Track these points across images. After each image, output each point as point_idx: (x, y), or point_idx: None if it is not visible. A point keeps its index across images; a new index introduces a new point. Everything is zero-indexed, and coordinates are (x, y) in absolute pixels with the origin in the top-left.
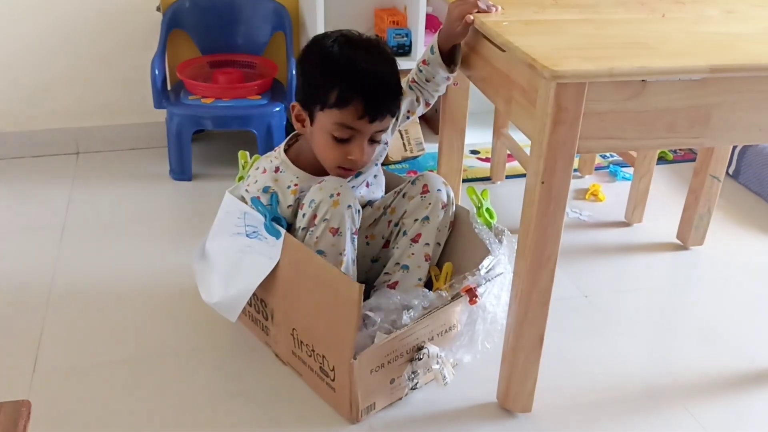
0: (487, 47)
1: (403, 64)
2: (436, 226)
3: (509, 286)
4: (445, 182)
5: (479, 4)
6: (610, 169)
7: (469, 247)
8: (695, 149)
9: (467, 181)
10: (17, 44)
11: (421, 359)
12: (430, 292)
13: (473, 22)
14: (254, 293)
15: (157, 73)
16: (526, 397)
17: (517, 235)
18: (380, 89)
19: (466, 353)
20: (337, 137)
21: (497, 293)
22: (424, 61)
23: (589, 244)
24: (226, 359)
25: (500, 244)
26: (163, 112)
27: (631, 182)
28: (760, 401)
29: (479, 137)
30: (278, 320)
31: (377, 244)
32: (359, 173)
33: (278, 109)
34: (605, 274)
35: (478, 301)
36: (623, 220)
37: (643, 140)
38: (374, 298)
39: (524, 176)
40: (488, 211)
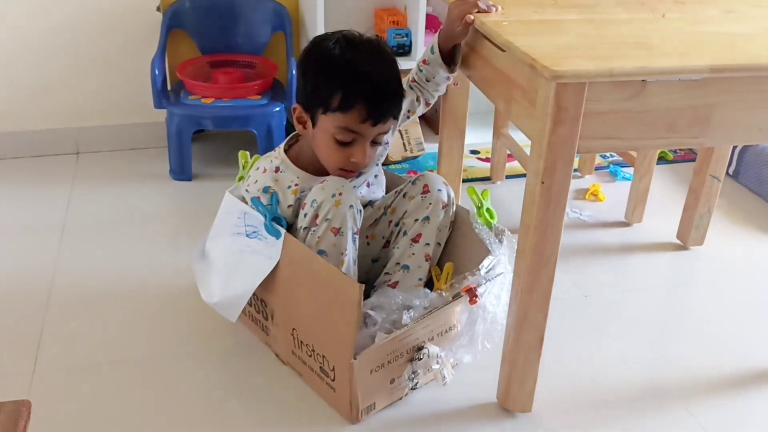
0: (487, 47)
1: (403, 64)
2: (436, 226)
3: (509, 286)
4: (445, 182)
5: (479, 4)
6: (610, 169)
7: (469, 247)
8: (695, 149)
9: (467, 181)
10: (17, 44)
11: (421, 359)
12: (430, 291)
13: (473, 22)
14: (254, 293)
15: (157, 73)
16: (526, 397)
17: (517, 235)
18: (383, 93)
19: (466, 353)
20: (339, 140)
21: (497, 293)
22: (424, 60)
23: (589, 244)
24: (226, 359)
25: (500, 244)
26: (163, 112)
27: (631, 182)
28: (760, 401)
29: (479, 137)
30: (278, 320)
31: (378, 244)
32: (360, 173)
33: (278, 109)
34: (605, 274)
35: (478, 301)
36: (623, 220)
37: (643, 140)
38: (375, 296)
39: (524, 176)
40: (488, 211)
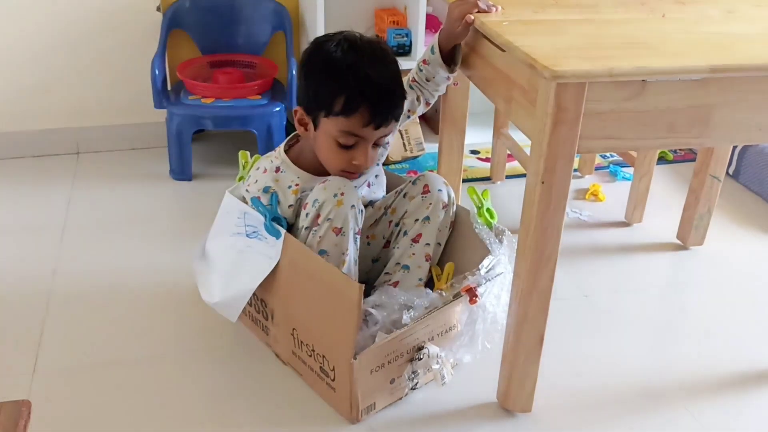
0: (487, 47)
1: (403, 64)
2: (436, 226)
3: (509, 286)
4: (445, 182)
5: (479, 4)
6: (610, 169)
7: (469, 247)
8: (695, 149)
9: (467, 181)
10: (17, 44)
11: (421, 359)
12: (431, 291)
13: (473, 22)
14: (254, 293)
15: (157, 73)
16: (526, 397)
17: (517, 235)
18: (386, 96)
19: (466, 353)
20: (341, 143)
21: (497, 293)
22: (424, 60)
23: (589, 244)
24: (226, 359)
25: (500, 244)
26: (163, 112)
27: (631, 182)
28: (760, 401)
29: (479, 137)
30: (278, 320)
31: (378, 244)
32: (361, 174)
33: (278, 109)
34: (605, 274)
35: (478, 301)
36: (623, 220)
37: (643, 140)
38: (377, 295)
39: (524, 176)
40: (489, 211)
